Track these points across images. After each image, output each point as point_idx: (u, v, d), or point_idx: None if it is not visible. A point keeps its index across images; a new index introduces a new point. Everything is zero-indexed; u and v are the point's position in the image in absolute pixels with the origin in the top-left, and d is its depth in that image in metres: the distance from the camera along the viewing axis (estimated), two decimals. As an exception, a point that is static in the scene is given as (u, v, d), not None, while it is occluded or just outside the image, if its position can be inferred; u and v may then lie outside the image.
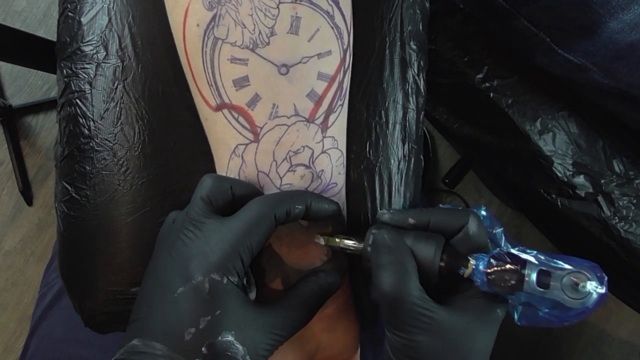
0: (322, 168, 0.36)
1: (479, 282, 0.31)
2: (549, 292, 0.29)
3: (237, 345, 0.30)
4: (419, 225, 0.35)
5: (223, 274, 0.30)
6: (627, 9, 0.44)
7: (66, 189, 0.39)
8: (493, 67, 0.59)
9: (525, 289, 0.30)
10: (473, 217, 0.33)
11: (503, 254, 0.31)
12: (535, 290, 0.30)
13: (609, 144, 0.57)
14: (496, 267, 0.31)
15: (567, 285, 0.29)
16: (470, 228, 0.33)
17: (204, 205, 0.32)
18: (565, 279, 0.29)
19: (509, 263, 0.31)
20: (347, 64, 0.36)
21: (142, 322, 0.31)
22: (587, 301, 0.29)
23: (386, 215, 0.36)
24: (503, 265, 0.31)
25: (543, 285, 0.30)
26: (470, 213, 0.34)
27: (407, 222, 0.35)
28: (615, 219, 0.56)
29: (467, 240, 0.33)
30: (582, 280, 0.29)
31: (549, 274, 0.30)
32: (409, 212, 0.35)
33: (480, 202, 1.18)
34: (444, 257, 0.33)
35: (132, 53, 0.38)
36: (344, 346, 0.39)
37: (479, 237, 0.33)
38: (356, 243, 0.35)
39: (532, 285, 0.30)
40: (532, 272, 0.30)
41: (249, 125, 0.34)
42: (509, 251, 0.32)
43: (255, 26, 0.32)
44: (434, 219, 0.34)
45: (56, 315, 0.57)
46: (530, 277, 0.30)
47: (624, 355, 1.13)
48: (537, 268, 0.30)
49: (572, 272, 0.29)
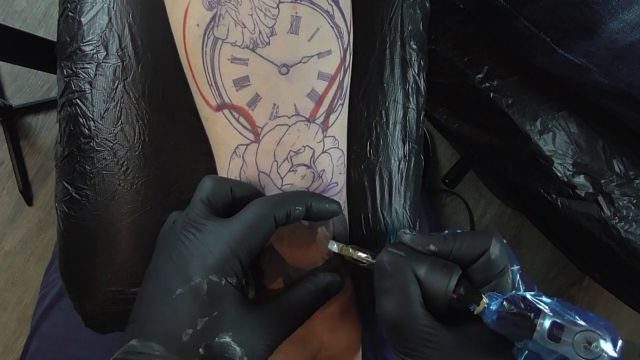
0: (323, 168, 0.36)
1: (489, 322, 0.31)
2: (559, 346, 0.28)
3: (235, 347, 0.30)
4: (439, 253, 0.34)
5: (222, 276, 0.30)
6: (627, 9, 0.44)
7: (66, 188, 0.39)
8: (493, 67, 0.59)
9: (535, 338, 0.29)
10: (495, 240, 0.32)
11: (518, 298, 0.30)
12: (544, 341, 0.29)
13: (609, 144, 0.57)
14: (508, 310, 0.30)
15: (579, 342, 0.28)
16: (493, 252, 0.32)
17: (204, 207, 0.32)
18: (578, 336, 0.28)
19: (522, 309, 0.30)
20: (348, 63, 0.36)
21: (140, 322, 0.31)
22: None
23: (407, 236, 0.34)
24: (516, 310, 0.30)
25: (554, 337, 0.29)
26: (492, 236, 0.33)
27: (427, 248, 0.34)
28: (615, 219, 0.56)
29: (489, 265, 0.32)
30: (595, 340, 0.28)
31: (562, 327, 0.29)
32: (431, 238, 0.34)
33: (480, 202, 1.18)
34: (458, 290, 0.32)
35: (132, 53, 0.38)
36: (345, 346, 0.39)
37: (501, 261, 0.32)
38: (369, 257, 0.34)
39: (542, 336, 0.29)
40: (545, 322, 0.29)
41: (249, 126, 0.34)
42: (525, 295, 0.31)
43: (255, 26, 0.32)
44: (456, 246, 0.33)
45: (56, 315, 0.57)
46: (542, 327, 0.29)
47: (624, 355, 1.13)
48: (551, 319, 0.29)
49: (587, 330, 0.28)
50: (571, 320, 0.29)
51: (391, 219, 0.41)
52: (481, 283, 0.33)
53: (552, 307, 0.30)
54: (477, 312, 0.31)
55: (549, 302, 0.30)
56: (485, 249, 0.32)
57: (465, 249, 0.33)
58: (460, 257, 0.33)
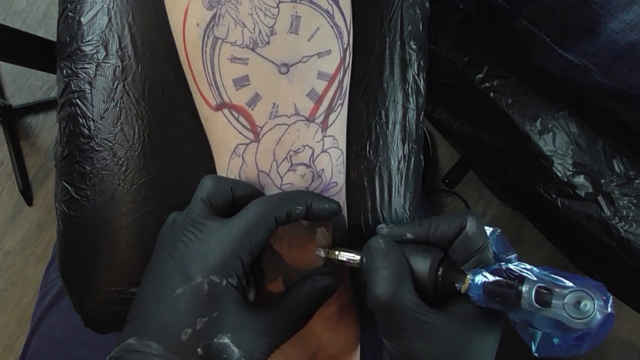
0: (322, 167, 0.36)
1: (476, 297, 0.30)
2: (550, 310, 0.28)
3: (233, 348, 0.30)
4: (418, 239, 0.34)
5: (223, 276, 0.30)
6: (627, 9, 0.44)
7: (66, 188, 0.39)
8: (493, 67, 0.59)
9: (523, 305, 0.29)
10: (471, 217, 0.33)
11: (501, 269, 0.30)
12: (533, 307, 0.28)
13: (609, 144, 0.57)
14: (492, 282, 0.30)
15: (570, 303, 0.28)
16: (469, 229, 0.33)
17: (205, 207, 0.32)
18: (568, 297, 0.28)
19: (506, 278, 0.30)
20: (347, 63, 0.36)
21: (139, 321, 0.31)
22: (591, 321, 0.27)
23: (384, 230, 0.35)
24: (500, 281, 0.30)
25: (544, 303, 0.28)
26: (468, 214, 0.33)
27: (405, 237, 0.34)
28: (615, 219, 0.56)
29: (467, 242, 0.33)
30: (585, 299, 0.27)
31: (550, 291, 0.28)
32: (406, 226, 0.35)
33: (480, 202, 1.18)
34: (441, 271, 0.32)
35: (132, 53, 0.38)
36: (344, 345, 0.39)
37: (479, 237, 0.33)
38: (354, 255, 0.35)
39: (530, 302, 0.28)
40: (531, 288, 0.29)
41: (249, 125, 0.34)
42: (508, 267, 0.30)
43: (255, 25, 0.32)
44: (432, 229, 0.34)
45: (56, 315, 0.57)
46: (529, 294, 0.28)
47: (624, 355, 1.13)
48: (536, 284, 0.29)
49: (575, 290, 0.28)
50: (559, 284, 0.28)
51: (391, 219, 0.41)
52: (463, 261, 0.33)
53: (538, 273, 0.29)
54: (463, 290, 0.31)
55: (535, 269, 0.30)
56: (462, 228, 0.33)
57: (442, 230, 0.33)
58: (439, 239, 0.34)
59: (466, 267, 0.32)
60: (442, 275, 0.32)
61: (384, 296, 0.31)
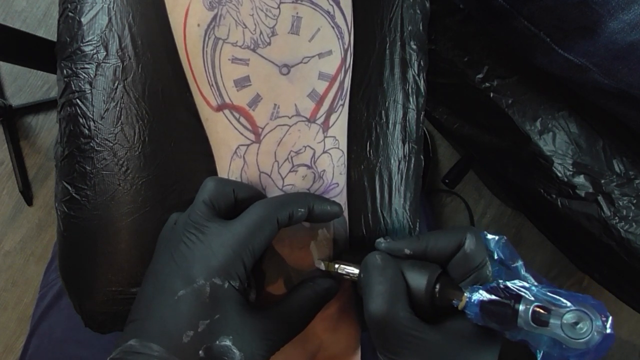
0: (323, 168, 0.36)
1: (472, 315, 0.30)
2: (548, 330, 0.28)
3: (234, 351, 0.30)
4: (416, 254, 0.34)
5: (225, 279, 0.30)
6: (627, 9, 0.44)
7: (66, 189, 0.39)
8: (493, 67, 0.59)
9: (520, 324, 0.28)
10: (470, 234, 0.32)
11: (499, 287, 0.30)
12: (530, 326, 0.28)
13: (609, 144, 0.57)
14: (489, 300, 0.30)
15: (567, 324, 0.27)
16: (468, 246, 0.32)
17: (207, 209, 0.32)
18: (566, 317, 0.27)
19: (502, 297, 0.29)
20: (348, 63, 0.36)
21: (140, 322, 0.31)
22: (589, 342, 0.27)
23: (383, 245, 0.35)
24: (496, 299, 0.29)
25: (541, 322, 0.28)
26: (467, 230, 0.33)
27: (403, 252, 0.34)
28: (615, 219, 0.56)
29: (466, 259, 0.32)
30: (584, 320, 0.27)
31: (548, 310, 0.28)
32: (405, 241, 0.34)
33: (480, 202, 1.18)
34: (438, 287, 0.32)
35: (132, 53, 0.38)
36: (345, 346, 0.39)
37: (477, 255, 0.32)
38: (354, 269, 0.35)
39: (527, 321, 0.28)
40: (528, 307, 0.28)
41: (250, 126, 0.34)
42: (506, 284, 0.30)
43: (256, 26, 0.32)
44: (430, 245, 0.33)
45: (56, 315, 0.57)
46: (525, 313, 0.28)
47: (624, 355, 1.13)
48: (533, 304, 0.28)
49: (573, 310, 0.27)
50: (557, 303, 0.28)
51: (391, 219, 0.41)
52: (461, 278, 0.33)
53: (536, 292, 0.29)
54: (460, 307, 0.31)
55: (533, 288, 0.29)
56: (461, 244, 0.32)
57: (440, 246, 0.33)
58: (437, 255, 0.33)
59: (464, 284, 0.32)
60: (439, 292, 0.32)
61: (378, 312, 0.31)
